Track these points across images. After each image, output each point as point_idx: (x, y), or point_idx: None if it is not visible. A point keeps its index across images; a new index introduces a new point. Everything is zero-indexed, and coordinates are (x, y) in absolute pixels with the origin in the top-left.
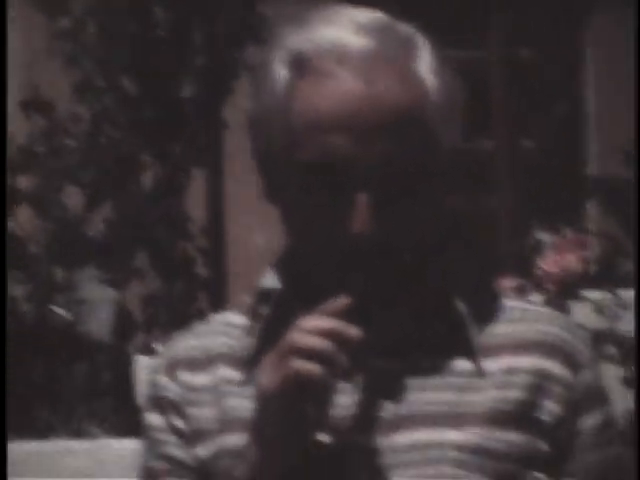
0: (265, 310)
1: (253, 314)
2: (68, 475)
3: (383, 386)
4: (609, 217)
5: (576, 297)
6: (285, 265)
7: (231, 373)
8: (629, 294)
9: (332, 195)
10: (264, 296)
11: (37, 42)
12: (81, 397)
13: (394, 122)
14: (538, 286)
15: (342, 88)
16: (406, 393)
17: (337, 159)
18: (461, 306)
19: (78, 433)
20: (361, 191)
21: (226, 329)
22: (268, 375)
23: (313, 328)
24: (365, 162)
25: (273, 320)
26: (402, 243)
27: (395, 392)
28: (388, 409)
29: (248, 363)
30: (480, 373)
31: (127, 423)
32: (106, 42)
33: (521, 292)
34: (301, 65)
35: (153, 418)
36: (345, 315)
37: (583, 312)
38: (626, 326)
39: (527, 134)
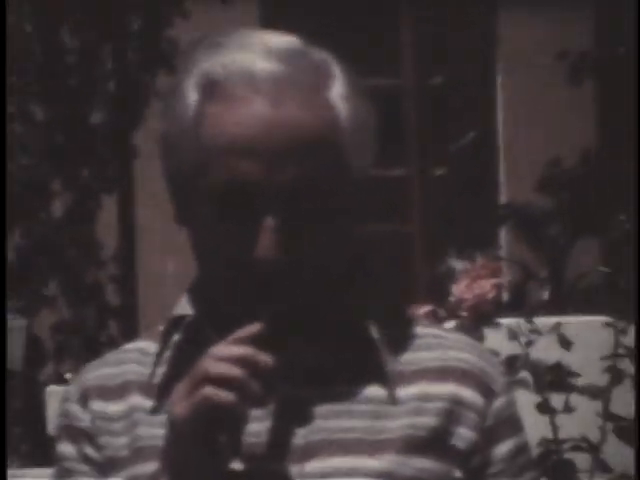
0: (176, 337)
1: (164, 341)
2: None
3: (296, 413)
4: (520, 244)
5: (490, 323)
6: (197, 291)
7: (143, 401)
8: (542, 320)
9: (240, 219)
10: (176, 323)
11: None
12: None
13: (302, 147)
14: (452, 313)
15: (250, 112)
16: (319, 420)
17: (245, 183)
18: (374, 332)
19: None
20: (268, 215)
21: (138, 357)
22: (180, 403)
23: (224, 355)
24: (273, 186)
25: (184, 347)
26: (309, 269)
27: (308, 419)
28: (301, 436)
29: (159, 391)
30: (393, 400)
31: (38, 452)
32: (15, 68)
33: (435, 319)
34: (211, 89)
35: (65, 447)
36: (256, 342)
37: (497, 338)
38: (540, 352)
39: (439, 162)
